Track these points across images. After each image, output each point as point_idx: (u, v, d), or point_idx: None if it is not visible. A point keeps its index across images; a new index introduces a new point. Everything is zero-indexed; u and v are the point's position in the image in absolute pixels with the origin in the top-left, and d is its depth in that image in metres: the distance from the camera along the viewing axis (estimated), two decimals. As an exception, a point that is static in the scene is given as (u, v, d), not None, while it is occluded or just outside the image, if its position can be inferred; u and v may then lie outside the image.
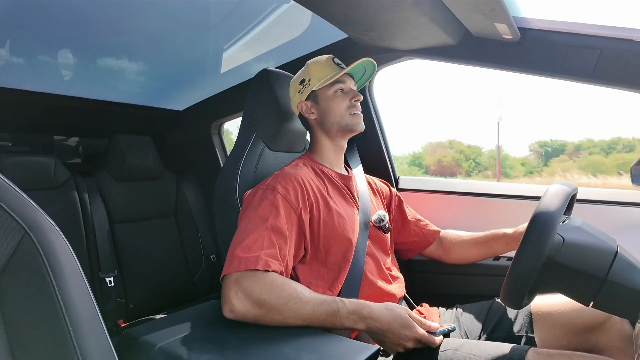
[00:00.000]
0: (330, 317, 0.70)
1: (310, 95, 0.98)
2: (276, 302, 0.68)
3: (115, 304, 1.54)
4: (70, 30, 1.53)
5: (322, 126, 0.99)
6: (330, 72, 0.96)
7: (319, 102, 0.98)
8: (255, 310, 0.69)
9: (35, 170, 1.48)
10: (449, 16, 1.01)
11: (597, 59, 0.94)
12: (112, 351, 0.47)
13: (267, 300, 0.68)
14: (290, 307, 0.69)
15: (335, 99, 0.96)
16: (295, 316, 0.69)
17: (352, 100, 0.97)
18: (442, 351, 0.73)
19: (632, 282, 0.62)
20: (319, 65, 0.98)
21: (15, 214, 0.45)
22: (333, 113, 0.96)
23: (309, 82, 0.97)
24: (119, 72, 1.85)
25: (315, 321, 0.70)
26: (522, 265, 0.64)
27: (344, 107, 0.96)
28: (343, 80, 0.97)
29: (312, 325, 0.70)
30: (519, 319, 0.88)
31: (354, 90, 0.98)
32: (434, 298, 1.06)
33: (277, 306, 0.68)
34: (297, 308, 0.69)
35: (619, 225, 1.06)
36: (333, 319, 0.70)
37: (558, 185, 0.73)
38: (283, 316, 0.69)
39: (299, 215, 0.82)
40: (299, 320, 0.69)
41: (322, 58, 0.99)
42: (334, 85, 0.96)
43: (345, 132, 0.98)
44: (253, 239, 0.74)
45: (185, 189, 1.91)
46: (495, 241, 1.03)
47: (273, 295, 0.68)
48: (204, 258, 1.86)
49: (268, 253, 0.73)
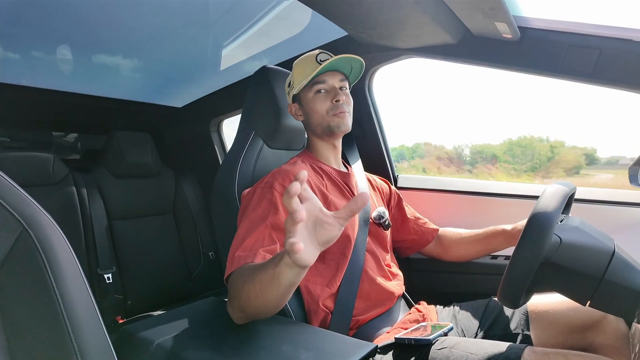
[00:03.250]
0: (270, 263, 0.59)
1: (295, 98, 0.97)
2: (239, 281, 0.65)
3: (114, 300, 1.55)
4: (70, 26, 1.52)
5: (309, 128, 0.98)
6: (310, 72, 0.91)
7: (303, 105, 0.96)
8: (235, 303, 0.66)
9: (33, 166, 1.48)
10: (449, 15, 1.01)
11: (597, 58, 0.94)
12: (110, 347, 0.47)
13: (236, 287, 0.65)
14: (247, 278, 0.63)
15: (315, 101, 0.93)
16: (251, 284, 0.61)
17: (333, 101, 0.92)
18: (439, 349, 0.74)
19: (629, 281, 0.62)
20: (301, 66, 0.94)
21: (14, 210, 0.45)
22: (315, 115, 0.94)
23: (293, 84, 0.96)
24: (118, 69, 1.85)
25: (263, 279, 0.59)
26: (519, 265, 0.64)
27: (324, 109, 0.93)
28: (323, 79, 0.92)
29: (264, 287, 0.60)
30: (515, 317, 0.89)
31: (335, 89, 0.93)
32: (431, 296, 1.07)
33: (240, 284, 0.64)
34: (250, 274, 0.63)
35: (617, 225, 1.06)
36: (270, 263, 0.59)
37: (556, 184, 0.73)
38: (244, 291, 0.63)
39: None
40: (255, 286, 0.61)
41: (306, 56, 0.95)
42: (314, 86, 0.93)
43: (329, 133, 0.95)
44: (254, 239, 0.74)
45: (184, 186, 1.91)
46: (493, 238, 1.03)
47: (239, 278, 0.65)
48: (202, 255, 1.86)
49: (268, 249, 0.72)
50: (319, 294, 0.84)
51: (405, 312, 0.97)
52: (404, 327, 0.89)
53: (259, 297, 0.61)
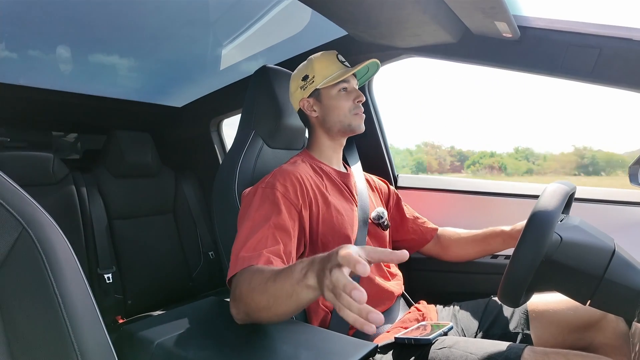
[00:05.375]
0: (287, 278, 0.59)
1: (314, 92, 0.97)
2: (246, 288, 0.64)
3: (114, 300, 1.55)
4: (70, 26, 1.52)
5: (324, 125, 0.98)
6: (335, 70, 0.95)
7: (322, 101, 0.97)
8: (240, 306, 0.66)
9: (33, 166, 1.48)
10: (450, 14, 1.01)
11: (597, 58, 0.94)
12: (110, 347, 0.47)
13: (242, 292, 0.65)
14: (256, 286, 0.63)
15: (339, 99, 0.95)
16: (262, 294, 0.62)
17: (355, 101, 0.96)
18: (439, 348, 0.74)
19: (629, 281, 0.62)
20: (324, 62, 0.96)
21: (14, 210, 0.45)
22: (336, 112, 0.95)
23: (313, 79, 0.96)
24: (117, 68, 1.85)
25: (277, 293, 0.60)
26: (520, 264, 0.64)
27: (347, 108, 0.95)
28: (347, 79, 0.96)
29: (278, 300, 0.60)
30: (515, 317, 0.89)
31: (357, 90, 0.97)
32: (431, 296, 1.07)
33: (248, 292, 0.64)
34: (261, 283, 0.62)
35: (617, 224, 1.06)
36: (287, 278, 0.59)
37: (556, 184, 0.73)
38: (254, 300, 0.63)
39: (299, 212, 0.82)
40: (265, 297, 0.61)
41: (327, 54, 0.98)
42: (338, 84, 0.95)
43: (346, 132, 0.97)
44: (257, 239, 0.74)
45: (184, 186, 1.91)
46: (492, 238, 1.03)
47: (246, 283, 0.65)
48: (202, 255, 1.86)
49: (271, 250, 0.72)
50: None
51: (405, 312, 0.97)
52: (403, 326, 0.89)
53: (271, 309, 0.62)
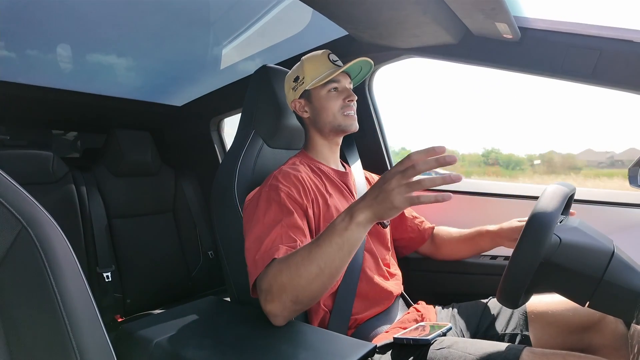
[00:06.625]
0: (331, 235, 0.64)
1: (304, 93, 0.97)
2: (287, 273, 0.65)
3: (113, 299, 1.55)
4: (70, 25, 1.52)
5: (316, 125, 0.98)
6: (324, 70, 0.94)
7: (312, 101, 0.96)
8: (285, 297, 0.66)
9: (33, 164, 1.48)
10: (450, 15, 1.01)
11: (597, 59, 0.94)
12: (109, 346, 0.47)
13: (283, 280, 0.65)
14: (299, 262, 0.65)
15: (328, 99, 0.95)
16: (309, 264, 0.64)
17: (346, 100, 0.95)
18: (437, 349, 0.74)
19: (628, 282, 0.62)
20: (314, 63, 0.96)
21: (13, 208, 0.44)
22: (326, 113, 0.95)
23: (303, 80, 0.96)
24: (117, 67, 1.85)
25: (326, 252, 0.64)
26: (519, 265, 0.64)
27: (336, 107, 0.95)
28: (337, 79, 0.95)
29: (329, 259, 0.64)
30: (514, 318, 0.89)
31: (348, 90, 0.96)
32: (430, 296, 1.07)
33: (290, 273, 0.65)
34: (303, 257, 0.65)
35: (617, 226, 1.06)
36: (332, 233, 0.64)
37: (556, 185, 0.73)
38: (302, 276, 0.64)
39: (304, 211, 0.83)
40: (314, 264, 0.64)
41: (317, 54, 0.97)
42: (327, 84, 0.94)
43: (337, 132, 0.97)
44: (271, 240, 0.74)
45: (184, 185, 1.91)
46: (480, 238, 1.04)
47: (284, 270, 0.66)
48: (201, 254, 1.86)
49: (290, 246, 0.72)
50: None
51: (404, 312, 0.97)
52: (402, 326, 0.89)
53: (324, 272, 0.64)
